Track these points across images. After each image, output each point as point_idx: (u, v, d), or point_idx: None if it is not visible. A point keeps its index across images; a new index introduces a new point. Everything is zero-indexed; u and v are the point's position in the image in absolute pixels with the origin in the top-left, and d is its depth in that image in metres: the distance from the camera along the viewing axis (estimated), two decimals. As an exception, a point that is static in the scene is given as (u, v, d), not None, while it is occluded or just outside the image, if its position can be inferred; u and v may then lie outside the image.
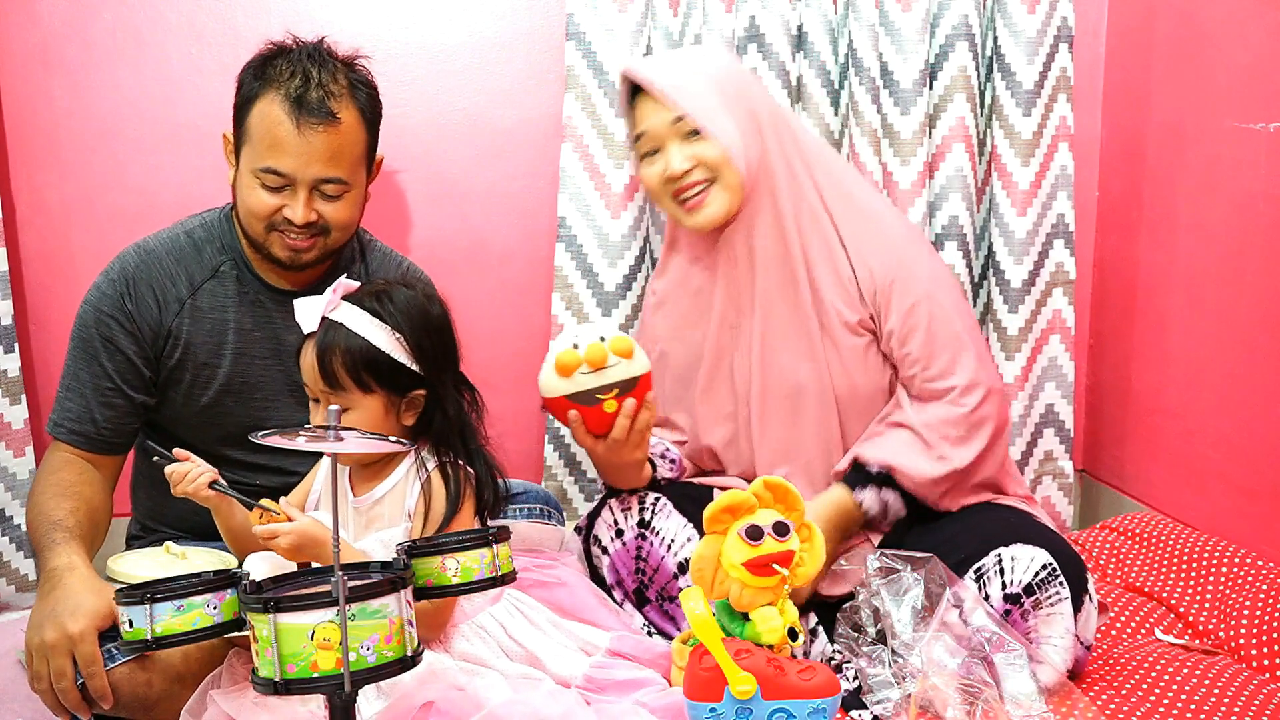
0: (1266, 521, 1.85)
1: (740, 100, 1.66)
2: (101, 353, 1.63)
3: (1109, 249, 2.36)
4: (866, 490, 1.64)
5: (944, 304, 1.68)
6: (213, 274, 1.68)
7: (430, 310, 1.47)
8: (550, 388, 1.59)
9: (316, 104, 1.57)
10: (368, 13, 2.13)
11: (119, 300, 1.63)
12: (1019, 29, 2.15)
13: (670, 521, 1.68)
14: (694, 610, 1.36)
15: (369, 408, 1.43)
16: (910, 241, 1.73)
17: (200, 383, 1.67)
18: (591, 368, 1.56)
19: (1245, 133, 1.89)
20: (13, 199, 2.06)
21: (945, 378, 1.65)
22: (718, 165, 1.63)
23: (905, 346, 1.67)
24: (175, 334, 1.65)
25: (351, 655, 1.11)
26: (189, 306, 1.66)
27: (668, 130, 1.64)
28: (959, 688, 1.41)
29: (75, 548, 1.47)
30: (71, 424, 1.63)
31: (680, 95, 1.63)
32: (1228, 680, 1.54)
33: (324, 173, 1.59)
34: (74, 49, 2.06)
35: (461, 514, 1.44)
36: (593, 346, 1.56)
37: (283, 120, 1.57)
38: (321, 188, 1.60)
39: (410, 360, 1.43)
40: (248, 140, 1.61)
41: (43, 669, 1.35)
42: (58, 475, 1.59)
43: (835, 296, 1.68)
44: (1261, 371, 1.87)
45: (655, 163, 1.67)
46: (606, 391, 1.57)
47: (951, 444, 1.64)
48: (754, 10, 2.09)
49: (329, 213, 1.61)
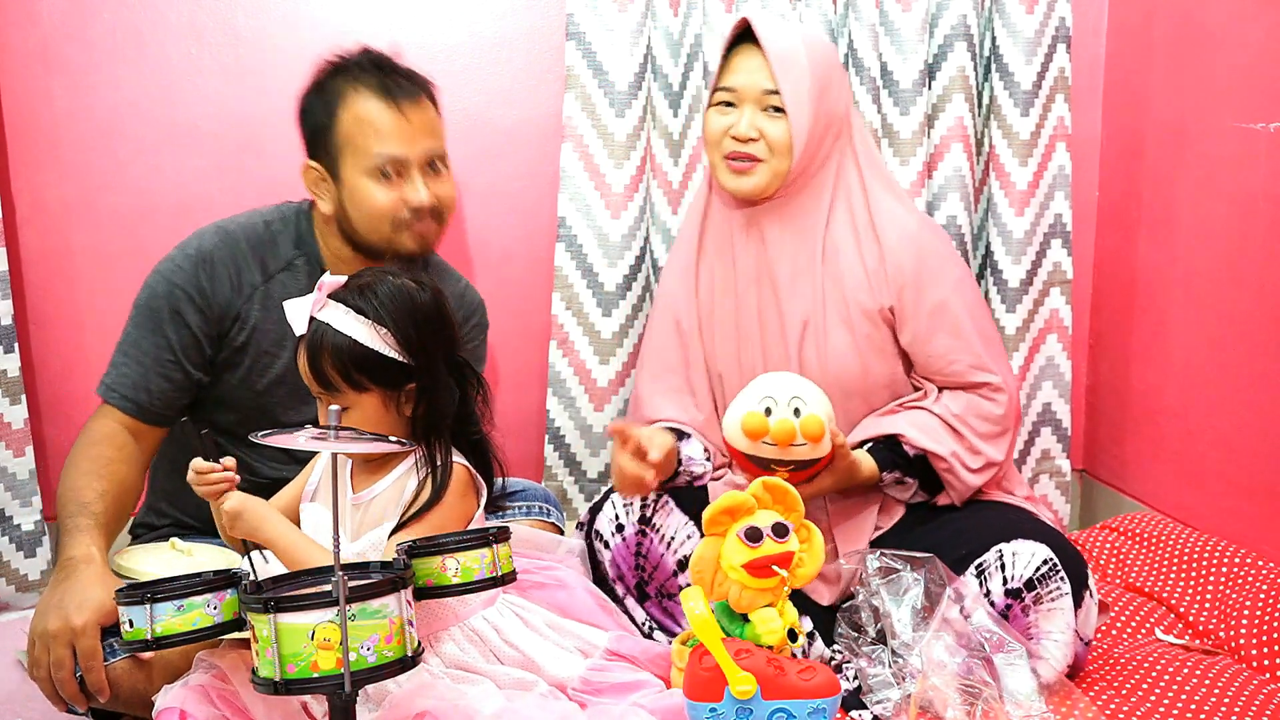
0: (1266, 521, 1.86)
1: (826, 96, 1.67)
2: (168, 324, 1.62)
3: (1108, 249, 2.36)
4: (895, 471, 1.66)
5: (973, 304, 1.72)
6: (286, 266, 1.70)
7: (417, 299, 1.42)
8: (731, 438, 1.60)
9: (404, 85, 1.65)
10: (368, 12, 2.13)
11: (194, 275, 1.63)
12: (1017, 29, 2.15)
13: (671, 519, 1.68)
14: (694, 610, 1.36)
15: (366, 405, 1.41)
16: (942, 242, 1.77)
17: (258, 370, 1.68)
18: (776, 444, 1.54)
19: (1245, 133, 1.89)
20: (13, 199, 2.06)
21: (976, 373, 1.69)
22: (777, 147, 1.66)
23: (932, 341, 1.69)
24: (243, 317, 1.66)
25: (352, 655, 1.11)
26: (261, 293, 1.67)
27: (756, 94, 1.66)
28: (959, 687, 1.41)
29: (96, 536, 1.48)
30: (125, 390, 1.62)
31: (786, 71, 1.64)
32: (1228, 680, 1.54)
33: (432, 146, 1.66)
34: (74, 49, 2.05)
35: (449, 506, 1.41)
36: (783, 425, 1.53)
37: (381, 110, 1.63)
38: (430, 163, 1.66)
39: (399, 353, 1.40)
40: (346, 146, 1.63)
41: (43, 657, 1.36)
42: (98, 449, 1.58)
43: (857, 286, 1.69)
44: (1261, 371, 1.87)
45: (727, 114, 1.69)
46: (783, 466, 1.57)
47: (986, 439, 1.68)
48: (754, 10, 2.10)
49: (440, 191, 1.67)
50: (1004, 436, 1.70)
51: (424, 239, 1.67)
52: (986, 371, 1.69)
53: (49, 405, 2.14)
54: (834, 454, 1.59)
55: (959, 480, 1.67)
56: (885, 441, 1.68)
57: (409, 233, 1.65)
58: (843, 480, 1.64)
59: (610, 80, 2.10)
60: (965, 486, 1.67)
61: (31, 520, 2.04)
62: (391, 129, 1.63)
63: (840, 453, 1.60)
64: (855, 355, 1.69)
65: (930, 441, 1.65)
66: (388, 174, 1.63)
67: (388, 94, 1.63)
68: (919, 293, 1.68)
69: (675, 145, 2.15)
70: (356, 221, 1.65)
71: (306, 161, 1.69)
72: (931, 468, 1.66)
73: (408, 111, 1.64)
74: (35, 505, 2.04)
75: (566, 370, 2.16)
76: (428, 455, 1.43)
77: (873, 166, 1.75)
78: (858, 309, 1.69)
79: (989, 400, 1.69)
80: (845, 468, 1.62)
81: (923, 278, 1.68)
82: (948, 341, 1.69)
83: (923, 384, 1.72)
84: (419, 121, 1.65)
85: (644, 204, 2.15)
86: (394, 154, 1.62)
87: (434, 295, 1.45)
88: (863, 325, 1.69)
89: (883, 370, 1.71)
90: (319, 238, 1.72)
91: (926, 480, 1.68)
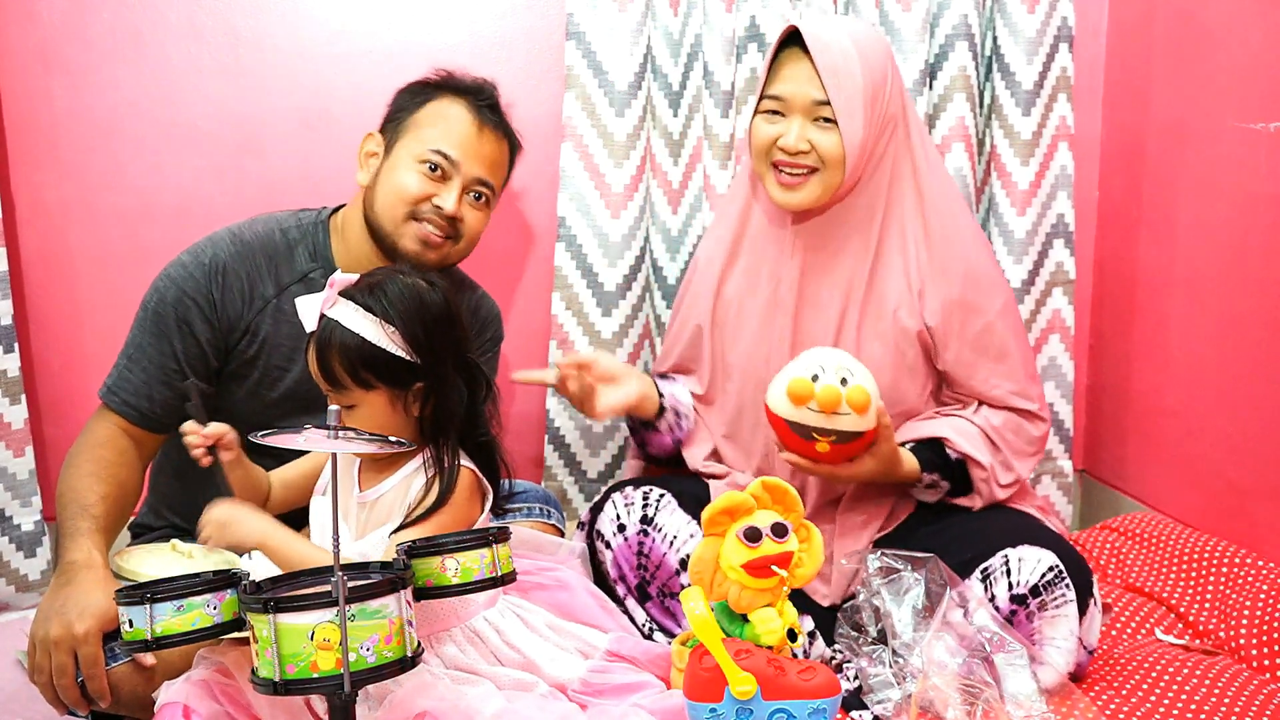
0: (1266, 521, 1.85)
1: (880, 105, 1.63)
2: (175, 332, 1.61)
3: (1109, 249, 2.36)
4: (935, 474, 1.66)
5: (1017, 329, 1.73)
6: (300, 279, 1.68)
7: (426, 298, 1.42)
8: (775, 403, 1.56)
9: (496, 117, 1.72)
10: (368, 12, 2.13)
11: (206, 285, 1.62)
12: (1019, 29, 2.15)
13: (673, 518, 1.68)
14: (694, 610, 1.36)
15: (374, 404, 1.41)
16: (991, 263, 1.76)
17: (267, 383, 1.67)
18: (821, 409, 1.52)
19: (1245, 133, 1.89)
20: (13, 199, 2.06)
21: (1017, 400, 1.70)
22: (829, 160, 1.62)
23: (976, 365, 1.68)
24: (254, 330, 1.65)
25: (351, 655, 1.11)
26: (273, 306, 1.66)
27: (805, 104, 1.61)
28: (959, 688, 1.41)
29: (97, 540, 1.48)
30: (127, 396, 1.61)
31: (837, 82, 1.59)
32: (1228, 680, 1.54)
33: (484, 174, 1.68)
34: (74, 49, 2.05)
35: (455, 508, 1.41)
36: (829, 390, 1.50)
37: (465, 117, 1.68)
38: (474, 189, 1.68)
39: (406, 352, 1.39)
40: (413, 129, 1.67)
41: (44, 663, 1.36)
42: (100, 451, 1.58)
43: (900, 305, 1.68)
44: (1261, 371, 1.86)
45: (775, 123, 1.64)
46: (825, 435, 1.53)
47: (1019, 457, 1.69)
48: (754, 10, 2.10)
49: (469, 218, 1.68)
50: (1034, 458, 1.72)
51: (425, 247, 1.65)
52: (1027, 399, 1.70)
53: (49, 405, 2.14)
54: (877, 436, 1.56)
55: (990, 490, 1.67)
56: (928, 444, 1.67)
57: (415, 233, 1.64)
58: (883, 467, 1.60)
59: (610, 80, 2.10)
60: (991, 497, 1.68)
61: (31, 520, 2.04)
62: (458, 133, 1.66)
63: (884, 434, 1.57)
64: (889, 370, 1.68)
65: (972, 448, 1.65)
66: (434, 168, 1.64)
67: (478, 112, 1.69)
68: (965, 315, 1.67)
69: (675, 145, 2.15)
70: (379, 197, 1.65)
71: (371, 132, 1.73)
72: (966, 475, 1.66)
73: (483, 133, 1.69)
74: (35, 505, 2.04)
75: (567, 370, 2.16)
76: (435, 456, 1.43)
77: (929, 165, 1.72)
78: (898, 326, 1.68)
79: (1029, 422, 1.71)
80: (888, 453, 1.59)
81: (970, 300, 1.67)
82: (991, 366, 1.69)
83: (958, 399, 1.73)
84: (488, 147, 1.69)
85: (644, 204, 2.15)
86: (447, 152, 1.65)
87: (444, 296, 1.45)
88: (900, 342, 1.68)
89: (910, 389, 1.70)
90: (335, 248, 1.71)
91: (957, 487, 1.68)
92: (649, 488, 1.71)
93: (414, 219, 1.64)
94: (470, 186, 1.67)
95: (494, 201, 1.74)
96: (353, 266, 1.69)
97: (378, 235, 1.66)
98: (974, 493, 1.67)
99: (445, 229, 1.65)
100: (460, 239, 1.69)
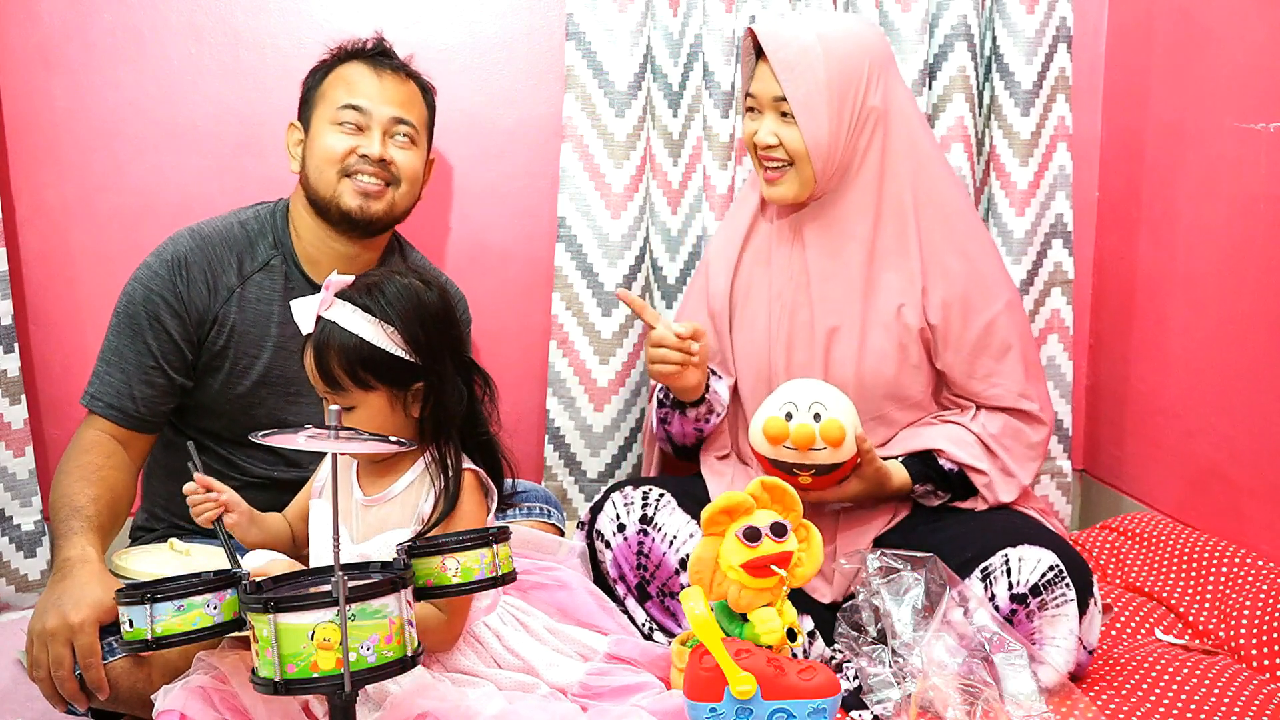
0: (1266, 521, 1.85)
1: (850, 97, 1.65)
2: (147, 331, 1.64)
3: (1109, 249, 2.36)
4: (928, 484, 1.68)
5: (1022, 328, 1.73)
6: (262, 266, 1.71)
7: (424, 298, 1.42)
8: (754, 441, 1.62)
9: (392, 62, 1.75)
10: (367, 12, 2.13)
11: (170, 280, 1.65)
12: (1018, 29, 2.15)
13: (673, 518, 1.68)
14: (694, 610, 1.36)
15: (373, 405, 1.40)
16: (994, 260, 1.75)
17: (238, 372, 1.69)
18: (796, 447, 1.56)
19: (1245, 133, 1.89)
20: (13, 199, 2.06)
21: (1019, 401, 1.69)
22: (795, 154, 1.66)
23: (976, 364, 1.68)
24: (221, 320, 1.67)
25: (351, 655, 1.11)
26: (237, 295, 1.68)
27: (770, 101, 1.67)
28: (959, 688, 1.41)
29: (92, 538, 1.48)
30: (110, 399, 1.63)
31: (789, 78, 1.63)
32: (1228, 680, 1.54)
33: (400, 113, 1.71)
34: (74, 49, 2.05)
35: (462, 511, 1.42)
36: (802, 429, 1.55)
37: (363, 70, 1.72)
38: (395, 131, 1.71)
39: (406, 352, 1.39)
40: (322, 101, 1.71)
41: (42, 656, 1.36)
42: (87, 456, 1.59)
43: (901, 298, 1.68)
44: (1261, 371, 1.87)
45: (755, 121, 1.70)
46: (804, 470, 1.59)
47: (1020, 463, 1.69)
48: (754, 10, 2.10)
49: (401, 159, 1.71)
50: (1036, 462, 1.72)
51: (366, 198, 1.68)
52: (1029, 400, 1.70)
53: (49, 405, 2.14)
54: (860, 459, 1.59)
55: (993, 494, 1.68)
56: (920, 456, 1.68)
57: (352, 188, 1.67)
58: (870, 487, 1.64)
59: (610, 80, 2.10)
60: (995, 502, 1.69)
61: (31, 520, 2.04)
62: (361, 84, 1.70)
63: (867, 458, 1.60)
64: (893, 366, 1.69)
65: (969, 457, 1.65)
66: (348, 124, 1.68)
67: (374, 63, 1.73)
68: (966, 314, 1.68)
69: (675, 145, 2.15)
70: (311, 170, 1.69)
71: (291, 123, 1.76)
72: (964, 482, 1.67)
73: (384, 77, 1.72)
74: (35, 505, 2.04)
75: (566, 370, 2.16)
76: (438, 458, 1.43)
77: (929, 163, 1.72)
78: (901, 323, 1.68)
79: (1029, 426, 1.70)
80: (873, 474, 1.63)
81: (971, 299, 1.68)
82: (992, 364, 1.69)
83: (957, 403, 1.73)
84: (393, 88, 1.72)
85: (644, 204, 2.15)
86: (356, 103, 1.68)
87: (441, 295, 1.45)
88: (903, 338, 1.69)
89: (914, 385, 1.71)
90: (294, 234, 1.73)
91: (957, 494, 1.69)
92: (649, 487, 1.72)
93: (346, 175, 1.68)
94: (390, 129, 1.70)
95: (421, 139, 1.76)
96: (310, 251, 1.73)
97: (321, 207, 1.69)
98: (976, 496, 1.68)
99: (380, 174, 1.69)
100: (401, 182, 1.72)
